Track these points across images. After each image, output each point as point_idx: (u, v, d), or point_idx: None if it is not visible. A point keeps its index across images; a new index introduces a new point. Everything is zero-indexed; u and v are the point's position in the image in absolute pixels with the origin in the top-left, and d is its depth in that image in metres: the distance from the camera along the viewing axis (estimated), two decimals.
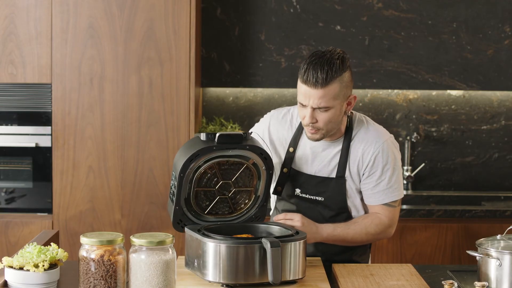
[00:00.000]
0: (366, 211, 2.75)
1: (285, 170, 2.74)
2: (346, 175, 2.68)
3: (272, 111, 2.86)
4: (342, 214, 2.72)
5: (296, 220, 2.57)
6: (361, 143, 2.69)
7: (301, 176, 2.73)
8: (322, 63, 2.52)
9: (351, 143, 2.69)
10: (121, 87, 3.72)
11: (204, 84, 4.17)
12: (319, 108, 2.55)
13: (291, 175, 2.75)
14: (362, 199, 2.74)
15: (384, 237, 2.74)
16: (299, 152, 2.74)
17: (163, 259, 2.13)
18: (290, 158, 2.75)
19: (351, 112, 2.73)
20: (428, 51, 4.17)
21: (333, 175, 2.69)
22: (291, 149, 2.75)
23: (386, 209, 2.70)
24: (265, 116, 2.85)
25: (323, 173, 2.71)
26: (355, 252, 2.78)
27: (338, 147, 2.70)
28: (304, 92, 2.55)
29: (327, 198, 2.70)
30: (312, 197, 2.72)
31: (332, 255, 2.75)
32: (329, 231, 2.63)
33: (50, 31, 3.70)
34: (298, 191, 2.74)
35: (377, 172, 2.67)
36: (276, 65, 4.16)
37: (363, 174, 2.69)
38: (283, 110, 2.83)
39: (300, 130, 2.75)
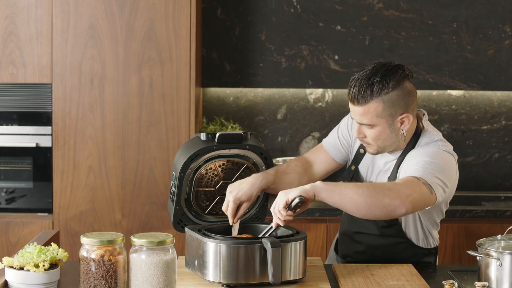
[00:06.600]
0: (422, 223, 2.62)
1: (352, 167, 2.71)
2: None
3: None
4: (394, 226, 2.61)
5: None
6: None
7: (360, 180, 2.68)
8: (363, 81, 2.46)
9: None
10: (122, 87, 3.72)
11: (205, 84, 4.17)
12: (362, 124, 2.50)
13: (354, 175, 2.70)
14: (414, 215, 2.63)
15: (393, 201, 2.31)
16: (365, 156, 2.68)
17: (163, 259, 2.13)
18: (359, 158, 2.70)
19: (422, 126, 2.59)
20: (429, 51, 4.17)
21: None
22: (361, 151, 2.69)
23: (411, 178, 2.39)
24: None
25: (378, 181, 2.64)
26: (420, 252, 2.66)
27: (395, 160, 2.60)
28: (351, 106, 2.51)
29: None
30: None
31: (390, 252, 2.65)
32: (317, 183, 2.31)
33: (51, 31, 3.70)
34: None
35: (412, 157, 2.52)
36: (276, 65, 4.16)
37: None
38: None
39: None
